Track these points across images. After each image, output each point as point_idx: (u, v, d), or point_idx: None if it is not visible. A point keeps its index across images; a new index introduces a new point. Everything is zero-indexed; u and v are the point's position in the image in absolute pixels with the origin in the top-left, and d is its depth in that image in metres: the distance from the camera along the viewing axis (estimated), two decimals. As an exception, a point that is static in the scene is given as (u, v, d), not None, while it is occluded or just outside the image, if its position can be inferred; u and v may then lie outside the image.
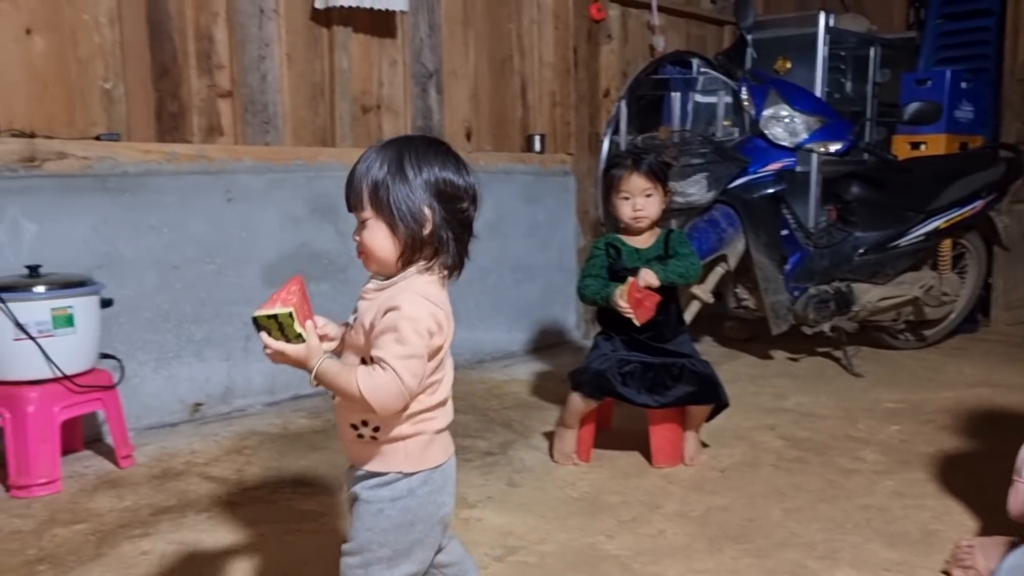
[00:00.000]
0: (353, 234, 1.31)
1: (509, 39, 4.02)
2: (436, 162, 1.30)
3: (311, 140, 3.29)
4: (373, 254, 1.29)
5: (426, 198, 1.27)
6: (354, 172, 1.28)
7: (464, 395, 3.26)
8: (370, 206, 1.27)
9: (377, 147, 1.30)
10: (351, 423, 1.33)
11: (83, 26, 2.68)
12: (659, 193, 2.41)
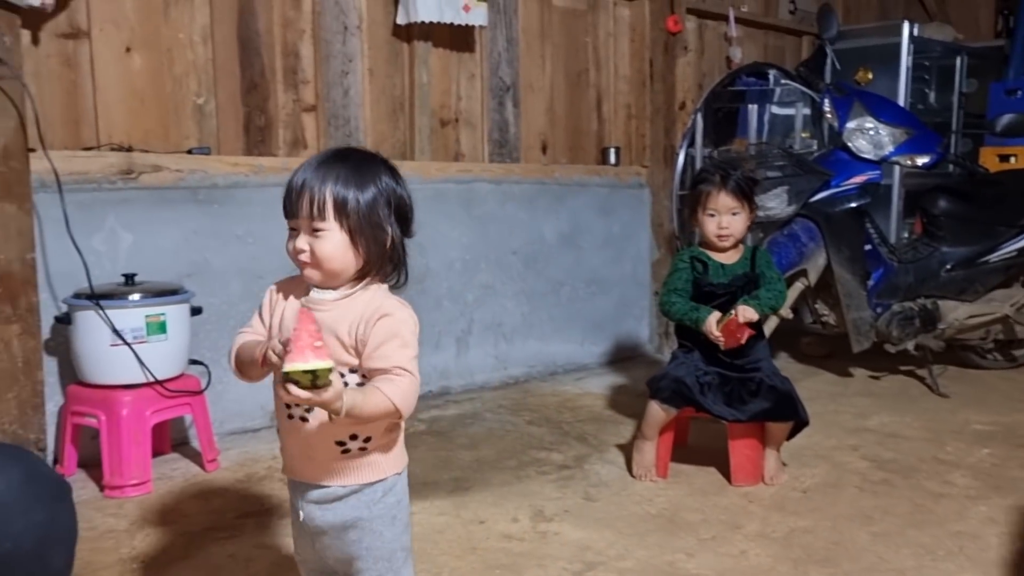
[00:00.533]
0: (291, 242, 1.26)
1: (585, 52, 4.03)
2: (390, 177, 1.31)
3: (390, 153, 3.34)
4: (326, 264, 1.26)
5: (387, 213, 1.29)
6: (306, 180, 1.25)
7: (537, 407, 3.27)
8: (334, 216, 1.25)
9: (323, 158, 1.29)
10: (336, 440, 1.29)
11: (178, 44, 2.79)
12: (746, 211, 2.38)
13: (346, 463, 1.30)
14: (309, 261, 1.26)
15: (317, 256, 1.25)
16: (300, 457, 1.32)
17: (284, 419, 1.31)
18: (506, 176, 3.63)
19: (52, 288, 2.47)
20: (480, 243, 3.54)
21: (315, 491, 1.32)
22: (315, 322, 1.17)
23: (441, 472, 2.53)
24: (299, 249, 1.25)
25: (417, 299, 3.32)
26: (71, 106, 2.61)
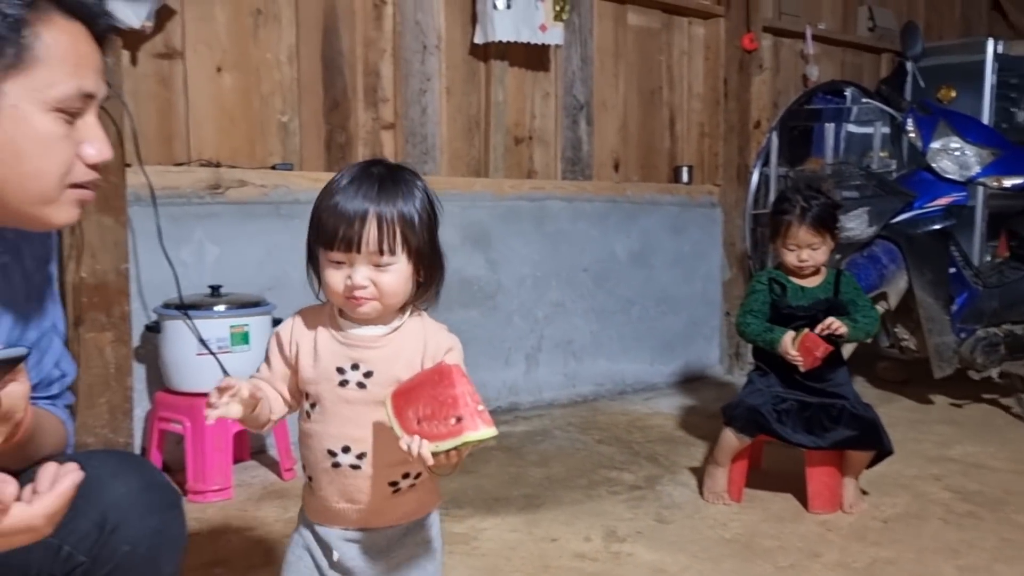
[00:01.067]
0: (338, 274, 1.15)
1: (659, 71, 4.02)
2: (427, 193, 1.22)
3: (466, 171, 3.40)
4: (390, 300, 1.17)
5: (435, 227, 1.22)
6: (369, 210, 1.13)
7: (607, 426, 3.26)
8: (401, 248, 1.15)
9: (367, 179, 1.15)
10: (390, 481, 1.24)
11: (266, 64, 2.88)
12: (827, 243, 2.34)
13: (396, 502, 1.25)
14: (372, 296, 1.16)
15: (382, 291, 1.15)
16: (342, 502, 1.24)
17: (322, 469, 1.23)
18: (578, 194, 3.64)
19: (143, 298, 2.57)
20: (551, 260, 3.55)
21: (358, 533, 1.26)
22: (471, 382, 1.11)
23: (512, 488, 2.54)
24: (359, 285, 1.14)
25: (488, 315, 3.37)
26: (165, 123, 2.72)
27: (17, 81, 0.90)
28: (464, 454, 1.08)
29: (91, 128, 0.97)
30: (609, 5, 3.77)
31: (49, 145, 0.92)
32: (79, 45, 0.94)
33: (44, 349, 1.14)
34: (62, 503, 0.80)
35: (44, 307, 1.14)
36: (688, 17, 4.08)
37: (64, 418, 1.16)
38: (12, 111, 0.90)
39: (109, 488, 0.97)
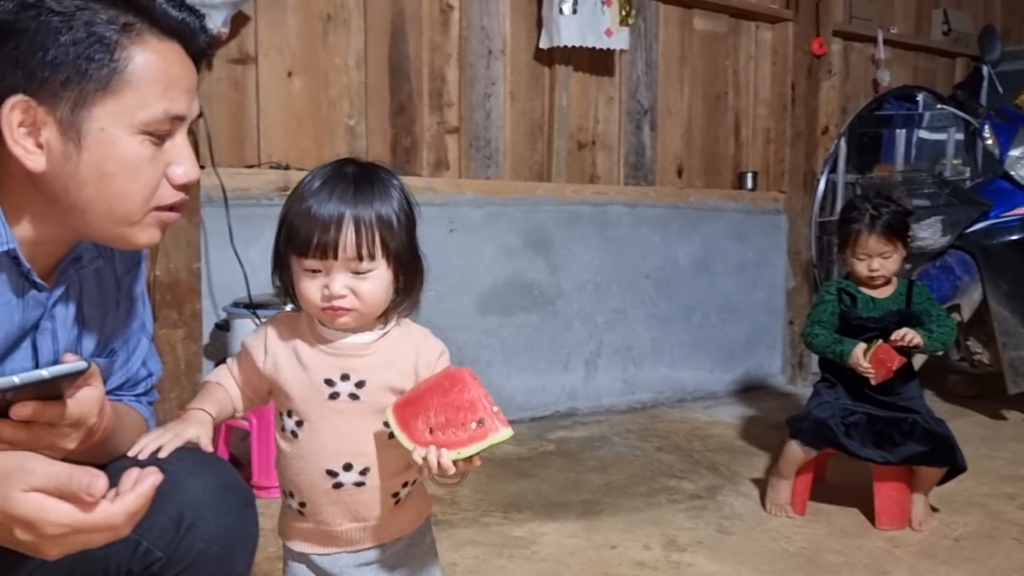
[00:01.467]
0: (313, 284, 1.09)
1: (725, 75, 3.97)
2: (404, 192, 1.15)
3: (528, 175, 3.41)
4: (369, 309, 1.11)
5: (412, 229, 1.15)
6: (344, 214, 1.07)
7: (666, 434, 3.23)
8: (381, 253, 1.10)
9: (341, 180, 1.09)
10: (392, 493, 1.19)
11: (334, 68, 2.93)
12: (899, 251, 2.28)
13: (398, 514, 1.21)
14: (350, 306, 1.09)
15: (362, 300, 1.10)
16: (347, 523, 1.18)
17: (321, 492, 1.16)
18: (641, 199, 3.61)
19: (213, 296, 2.64)
20: (612, 266, 3.53)
21: (372, 552, 1.20)
22: (482, 384, 1.08)
23: (571, 494, 2.54)
24: (337, 295, 1.08)
25: (548, 320, 3.37)
26: (237, 126, 2.78)
27: (106, 104, 0.90)
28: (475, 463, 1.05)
29: (180, 149, 0.96)
30: (675, 9, 3.75)
31: (135, 168, 0.92)
32: (171, 67, 0.93)
33: (132, 349, 1.16)
34: (142, 503, 0.81)
35: (134, 308, 1.16)
36: (756, 21, 4.02)
37: (147, 415, 1.19)
38: (100, 134, 0.90)
39: (187, 486, 0.99)
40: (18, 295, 0.96)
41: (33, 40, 0.87)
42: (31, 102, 0.88)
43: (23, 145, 0.89)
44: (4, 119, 0.88)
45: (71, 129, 0.89)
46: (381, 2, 3.02)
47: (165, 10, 0.93)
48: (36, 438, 0.87)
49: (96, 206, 0.93)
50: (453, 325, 3.11)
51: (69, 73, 0.88)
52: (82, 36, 0.88)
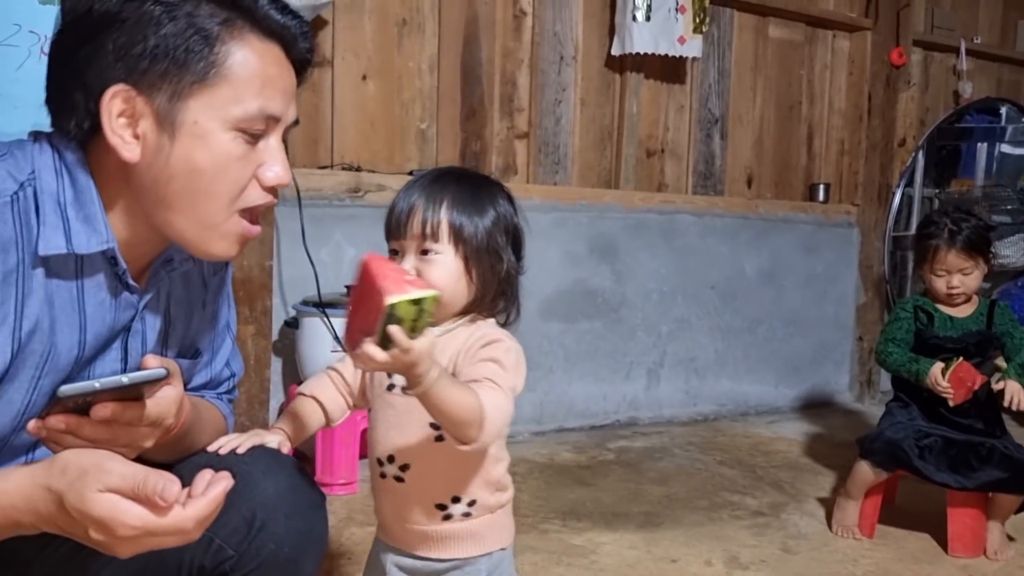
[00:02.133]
0: (403, 267, 1.08)
1: (799, 85, 3.90)
2: (508, 203, 1.18)
3: (596, 182, 3.39)
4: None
5: (505, 241, 1.15)
6: (418, 196, 1.11)
7: (728, 448, 3.18)
8: (448, 238, 1.11)
9: (436, 175, 1.15)
10: (437, 503, 1.15)
11: (408, 72, 2.96)
12: (980, 267, 2.20)
13: (447, 531, 1.16)
14: None
15: (427, 281, 1.07)
16: (395, 520, 1.18)
17: (376, 478, 1.19)
18: (709, 209, 3.57)
19: (283, 294, 2.69)
20: (678, 275, 3.50)
21: (407, 559, 1.19)
22: (390, 260, 1.03)
23: (631, 505, 2.52)
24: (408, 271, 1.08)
25: (612, 327, 3.35)
26: (311, 127, 2.83)
27: (201, 97, 0.89)
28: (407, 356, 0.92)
29: (273, 151, 0.95)
30: (750, 17, 3.69)
31: (225, 164, 0.91)
32: (269, 66, 0.93)
33: (217, 349, 1.18)
34: (213, 509, 0.82)
35: (220, 308, 1.18)
36: (833, 30, 3.94)
37: (226, 412, 1.20)
38: (193, 127, 0.89)
39: (260, 486, 0.99)
40: (113, 296, 0.98)
41: (135, 30, 0.87)
42: (131, 91, 0.88)
43: (120, 135, 0.89)
44: (104, 108, 0.88)
45: (166, 120, 0.89)
46: (456, 7, 3.04)
47: (268, 11, 0.93)
48: (115, 436, 0.89)
49: (182, 202, 0.92)
50: (515, 329, 3.11)
51: (168, 64, 0.88)
52: (183, 27, 0.88)
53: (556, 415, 3.25)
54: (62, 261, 0.92)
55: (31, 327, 0.90)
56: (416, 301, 0.90)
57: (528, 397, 3.18)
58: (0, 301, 0.87)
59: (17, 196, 0.88)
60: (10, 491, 0.82)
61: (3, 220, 0.87)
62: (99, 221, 0.92)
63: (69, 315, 0.93)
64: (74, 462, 0.81)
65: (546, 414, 3.23)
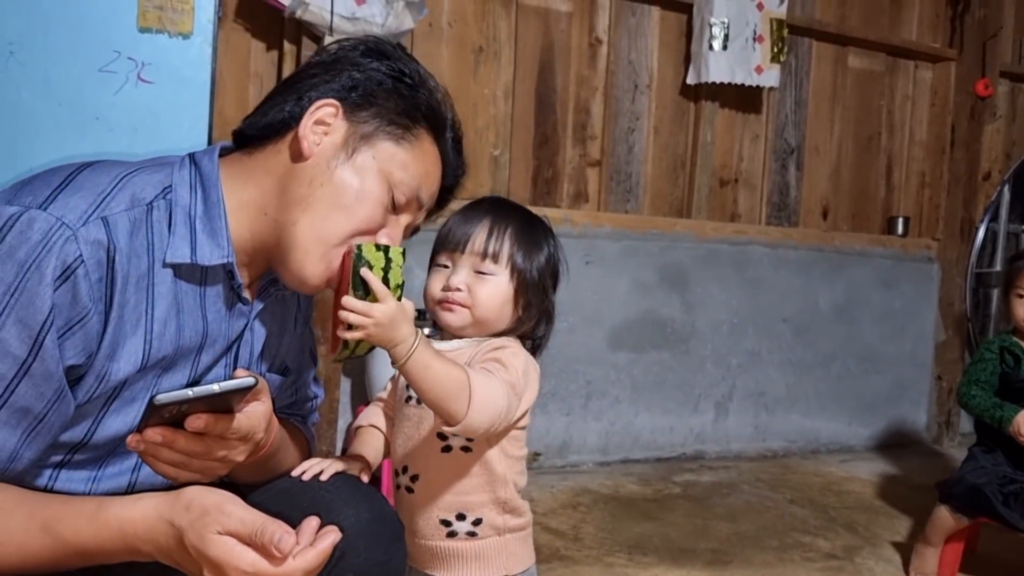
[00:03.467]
0: (436, 279, 1.17)
1: (878, 116, 3.82)
2: (555, 245, 1.24)
3: (668, 210, 3.37)
4: (480, 309, 1.14)
5: (552, 283, 1.22)
6: (483, 216, 1.18)
7: (798, 486, 3.09)
8: (507, 264, 1.16)
9: (496, 203, 1.23)
10: (441, 518, 1.16)
11: (483, 99, 3.00)
12: None
13: (451, 549, 1.17)
14: (463, 302, 1.14)
15: (475, 297, 1.14)
16: (409, 534, 1.16)
17: (396, 491, 1.22)
18: (783, 240, 3.50)
19: (355, 315, 2.72)
20: (749, 307, 3.43)
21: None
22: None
23: (698, 541, 2.46)
24: (453, 286, 1.14)
25: (680, 359, 3.30)
26: (387, 152, 2.88)
27: (386, 149, 1.01)
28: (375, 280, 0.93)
29: (398, 224, 1.04)
30: (829, 47, 3.63)
31: (366, 200, 1.00)
32: (435, 168, 1.07)
33: (302, 372, 1.21)
34: (321, 562, 0.84)
35: (306, 332, 1.22)
36: (915, 60, 3.85)
37: (309, 436, 1.23)
38: (368, 160, 1.00)
39: (342, 515, 0.99)
40: (227, 307, 1.02)
41: (370, 78, 1.03)
42: (339, 110, 1.01)
43: (312, 131, 0.99)
44: (311, 110, 1.00)
45: (353, 142, 1.01)
46: (532, 36, 3.07)
47: (448, 147, 1.09)
48: (208, 449, 0.91)
49: (321, 206, 0.99)
50: (583, 358, 3.10)
51: (380, 111, 1.02)
52: (405, 98, 1.03)
53: (622, 445, 3.21)
54: (189, 268, 0.97)
55: (161, 330, 0.95)
56: (383, 248, 0.95)
57: (594, 426, 3.15)
58: (134, 305, 0.92)
59: (152, 206, 0.95)
60: (135, 520, 0.85)
61: (138, 228, 0.92)
62: (223, 236, 0.98)
63: (195, 319, 0.98)
64: (198, 500, 0.84)
65: (611, 444, 3.19)
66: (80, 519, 0.85)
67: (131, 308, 0.91)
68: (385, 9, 2.46)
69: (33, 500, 0.89)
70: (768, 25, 3.17)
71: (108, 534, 0.85)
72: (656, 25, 3.27)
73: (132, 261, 0.91)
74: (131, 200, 0.92)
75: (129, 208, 0.91)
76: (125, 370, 0.92)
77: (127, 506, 0.85)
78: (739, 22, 3.12)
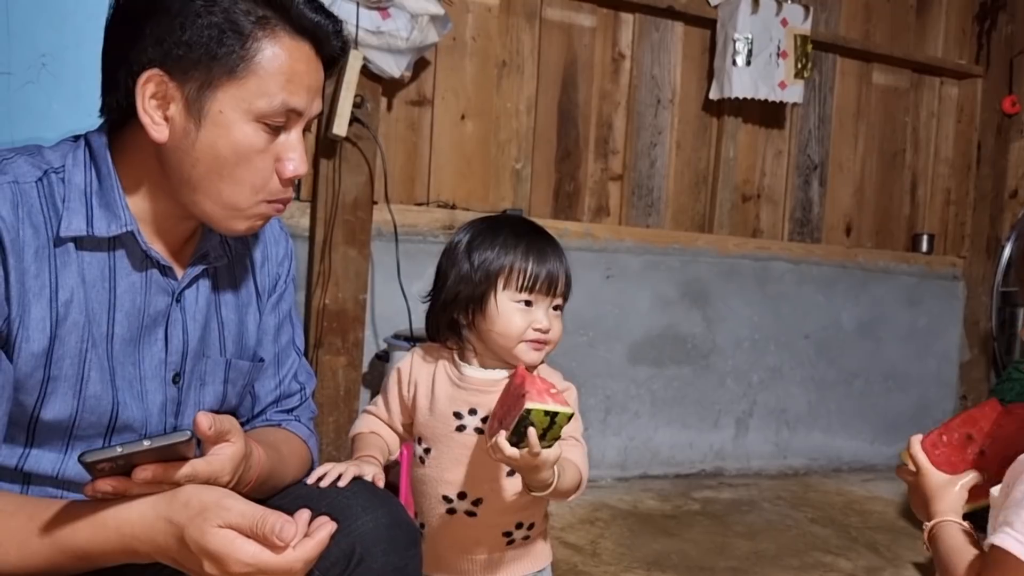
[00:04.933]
0: (525, 317, 1.20)
1: (903, 132, 3.79)
2: None
3: (689, 225, 3.36)
4: (555, 344, 1.22)
5: None
6: (553, 252, 1.22)
7: (820, 505, 3.06)
8: (567, 294, 1.23)
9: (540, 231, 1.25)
10: (504, 531, 1.23)
11: (505, 113, 3.01)
12: None
13: (510, 555, 1.23)
14: (550, 340, 1.21)
15: (554, 335, 1.22)
16: (457, 552, 1.24)
17: (438, 515, 1.23)
18: (805, 256, 3.48)
19: (375, 327, 2.73)
20: (771, 323, 3.41)
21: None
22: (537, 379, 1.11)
23: (717, 559, 2.44)
24: (545, 326, 1.20)
25: (700, 374, 3.28)
26: (409, 165, 2.90)
27: (229, 89, 0.94)
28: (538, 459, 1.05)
29: (292, 143, 0.98)
30: (854, 63, 3.62)
31: (246, 154, 0.96)
32: (297, 63, 0.96)
33: (282, 363, 1.20)
34: (319, 552, 0.85)
35: (282, 324, 1.19)
36: (941, 77, 3.82)
37: (305, 435, 1.21)
38: (218, 116, 0.94)
39: (360, 521, 1.00)
40: (141, 272, 1.01)
41: (175, 19, 0.92)
42: (164, 76, 0.93)
43: (151, 115, 0.94)
44: (139, 89, 0.93)
45: (194, 107, 0.94)
46: (555, 50, 3.08)
47: (301, 11, 0.96)
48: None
49: (207, 185, 0.96)
50: (603, 372, 3.09)
51: (201, 55, 0.92)
52: (219, 21, 0.92)
53: (641, 461, 3.19)
54: (93, 241, 0.97)
55: (67, 297, 0.95)
56: (551, 413, 1.03)
57: (612, 441, 3.13)
58: (35, 274, 0.93)
59: (42, 181, 0.95)
60: (133, 520, 0.86)
61: (31, 201, 0.93)
62: (119, 207, 0.98)
63: (99, 291, 0.98)
64: (196, 497, 0.85)
65: (630, 459, 3.18)
66: (78, 521, 0.86)
67: (32, 276, 0.92)
68: (410, 23, 2.48)
69: (34, 504, 0.90)
70: (792, 41, 3.16)
71: (105, 535, 0.86)
72: (679, 40, 3.27)
73: (23, 233, 0.92)
74: (14, 176, 0.93)
75: (13, 182, 0.93)
76: (37, 339, 0.93)
77: (124, 507, 0.86)
78: (763, 37, 3.11)
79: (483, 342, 1.22)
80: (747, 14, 3.09)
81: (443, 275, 1.24)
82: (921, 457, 1.15)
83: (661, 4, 3.15)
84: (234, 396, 1.14)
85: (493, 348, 1.22)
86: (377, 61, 2.52)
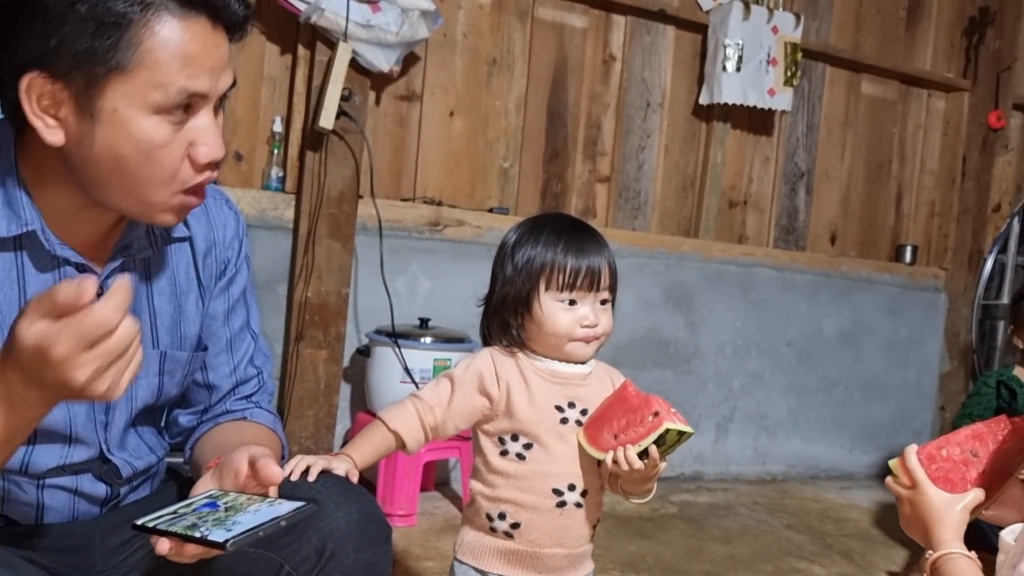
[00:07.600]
0: (590, 315, 1.22)
1: (890, 143, 3.81)
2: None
3: (675, 229, 3.36)
4: (606, 337, 1.25)
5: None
6: (596, 247, 1.24)
7: (796, 511, 3.07)
8: (614, 287, 1.25)
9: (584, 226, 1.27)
10: (593, 524, 1.29)
11: (494, 111, 3.00)
12: None
13: (584, 552, 1.30)
14: (600, 335, 1.23)
15: (604, 329, 1.24)
16: (553, 547, 1.25)
17: (545, 509, 1.23)
18: (790, 264, 3.50)
19: (357, 322, 2.72)
20: (754, 330, 3.42)
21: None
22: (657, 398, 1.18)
23: (692, 562, 2.44)
24: (593, 322, 1.21)
25: (682, 378, 3.29)
26: (396, 161, 2.89)
27: (118, 85, 0.86)
28: (660, 456, 1.16)
29: (202, 128, 0.91)
30: (843, 73, 3.64)
31: (149, 151, 0.89)
32: (190, 44, 0.87)
33: (236, 348, 1.17)
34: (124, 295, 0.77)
35: (234, 309, 1.16)
36: (929, 89, 3.85)
37: (270, 422, 1.18)
38: (112, 115, 0.87)
39: (332, 516, 0.99)
40: (50, 268, 0.96)
41: (49, 15, 0.84)
42: (46, 78, 0.86)
43: (42, 119, 0.88)
44: (22, 93, 0.86)
45: (85, 108, 0.87)
46: (546, 50, 3.08)
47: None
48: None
49: (114, 184, 0.91)
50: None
51: (80, 52, 0.84)
52: (98, 12, 0.84)
53: (619, 463, 3.19)
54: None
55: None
56: (685, 433, 1.15)
57: (592, 442, 3.13)
58: None
59: None
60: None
61: None
62: (20, 206, 0.93)
63: (8, 292, 0.94)
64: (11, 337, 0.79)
65: (609, 461, 3.17)
66: None
67: None
68: (400, 17, 2.47)
69: None
70: (782, 48, 3.18)
71: None
72: (671, 44, 3.27)
73: None
74: None
75: None
76: None
77: None
78: (753, 44, 3.12)
79: (537, 342, 1.25)
80: (738, 20, 3.10)
81: (493, 278, 1.28)
82: (920, 472, 1.08)
83: (653, 7, 3.16)
84: (173, 387, 1.11)
85: (546, 349, 1.24)
86: (366, 55, 2.51)
